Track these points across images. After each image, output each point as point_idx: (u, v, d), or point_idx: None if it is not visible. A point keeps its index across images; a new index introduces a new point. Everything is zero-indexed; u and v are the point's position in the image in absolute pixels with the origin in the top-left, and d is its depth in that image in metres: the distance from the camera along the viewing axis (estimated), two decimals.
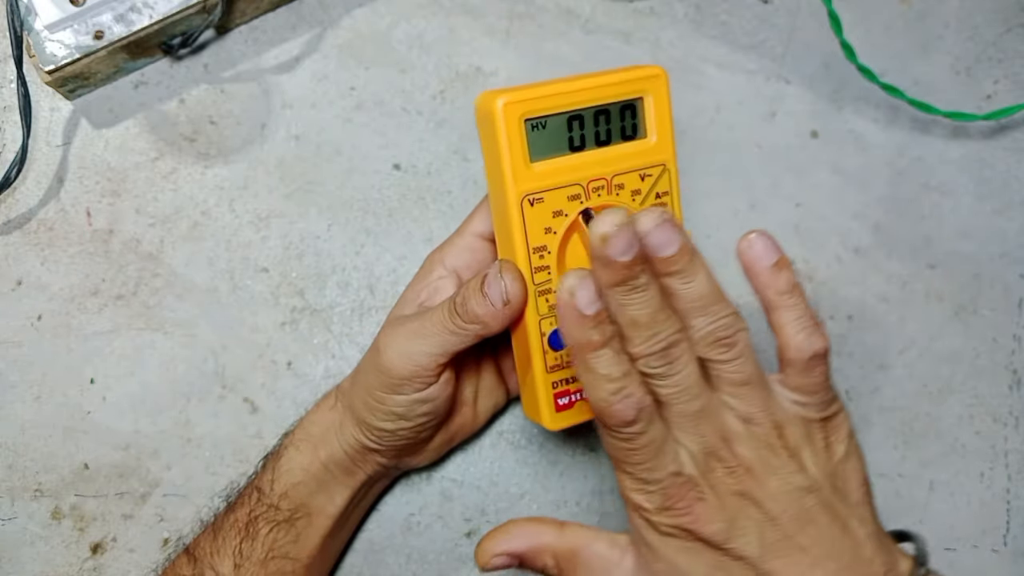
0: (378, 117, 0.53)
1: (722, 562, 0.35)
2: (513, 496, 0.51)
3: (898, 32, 0.55)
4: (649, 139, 0.40)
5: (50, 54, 0.47)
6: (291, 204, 0.52)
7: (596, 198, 0.39)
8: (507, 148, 0.38)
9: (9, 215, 0.50)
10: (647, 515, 0.35)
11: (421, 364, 0.40)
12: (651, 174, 0.40)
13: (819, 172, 0.54)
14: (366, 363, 0.43)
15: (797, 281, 0.37)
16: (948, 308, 0.54)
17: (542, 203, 0.38)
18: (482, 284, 0.39)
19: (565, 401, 0.41)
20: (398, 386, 0.41)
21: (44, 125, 0.51)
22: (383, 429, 0.42)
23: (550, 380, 0.40)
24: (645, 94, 0.39)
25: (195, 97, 0.52)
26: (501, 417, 0.51)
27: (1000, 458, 0.53)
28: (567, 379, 0.40)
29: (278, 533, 0.43)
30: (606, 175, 0.39)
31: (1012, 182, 0.55)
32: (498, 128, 0.37)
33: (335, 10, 0.53)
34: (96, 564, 0.49)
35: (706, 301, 0.35)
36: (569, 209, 0.39)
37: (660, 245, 0.34)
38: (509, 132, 0.37)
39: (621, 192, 0.40)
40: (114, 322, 0.50)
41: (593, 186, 0.39)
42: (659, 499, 0.35)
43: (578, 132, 0.39)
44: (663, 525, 0.35)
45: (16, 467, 0.49)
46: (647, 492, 0.35)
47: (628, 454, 0.35)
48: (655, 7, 0.55)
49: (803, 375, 0.36)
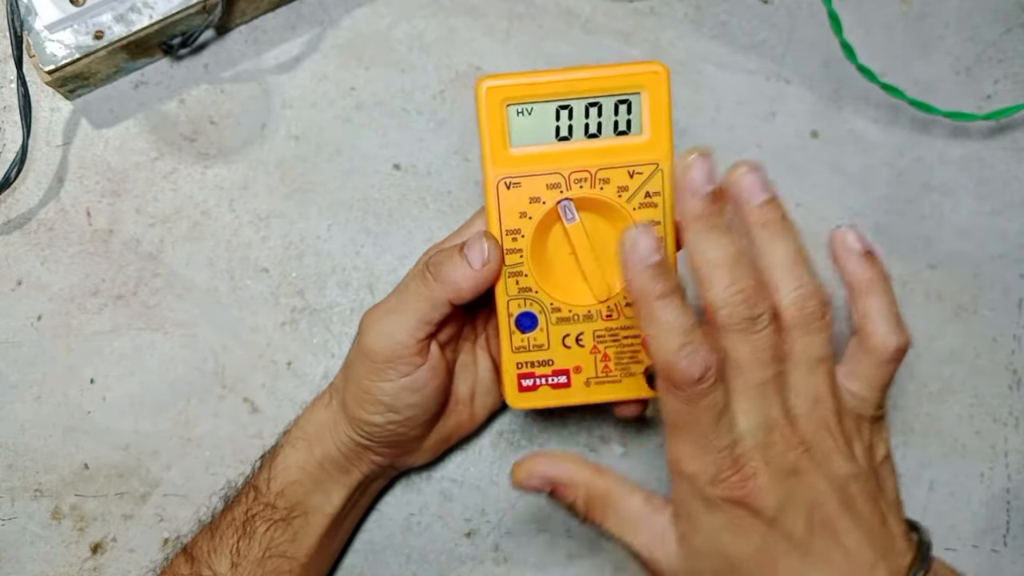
0: (378, 117, 0.53)
1: (767, 540, 0.34)
2: (513, 496, 0.51)
3: (898, 32, 0.55)
4: (643, 136, 0.40)
5: (50, 54, 0.47)
6: (291, 204, 0.52)
7: (577, 189, 0.40)
8: (487, 130, 0.39)
9: (9, 215, 0.50)
10: (697, 485, 0.34)
11: (400, 340, 0.40)
12: (641, 172, 0.40)
13: (819, 172, 0.54)
14: (352, 354, 0.43)
15: (887, 274, 0.36)
16: (948, 308, 0.54)
17: (519, 187, 0.40)
18: (461, 248, 0.39)
19: (529, 383, 0.42)
20: (382, 370, 0.41)
21: (44, 125, 0.51)
22: (373, 423, 0.42)
23: (515, 360, 0.41)
24: (642, 90, 0.39)
25: (195, 97, 0.52)
26: (501, 417, 0.51)
27: (1000, 458, 0.53)
28: (532, 362, 0.41)
29: (275, 532, 0.43)
30: (590, 167, 0.40)
31: (1012, 182, 0.55)
32: (480, 110, 0.39)
33: (335, 10, 0.53)
34: (96, 564, 0.49)
35: (795, 264, 0.34)
36: (547, 197, 0.40)
37: (751, 190, 0.34)
38: (491, 115, 0.39)
39: (606, 187, 0.40)
40: (114, 322, 0.50)
41: (575, 177, 0.40)
42: (714, 469, 0.33)
43: (566, 122, 0.39)
44: (714, 497, 0.34)
45: (16, 467, 0.49)
46: (702, 460, 0.34)
47: (689, 417, 0.33)
48: (655, 7, 0.55)
49: (877, 368, 0.36)
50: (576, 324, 0.41)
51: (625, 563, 0.50)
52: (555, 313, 0.41)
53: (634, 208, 0.40)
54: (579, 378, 0.42)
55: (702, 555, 0.35)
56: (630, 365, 0.42)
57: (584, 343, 0.41)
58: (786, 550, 0.34)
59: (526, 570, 0.50)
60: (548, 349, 0.41)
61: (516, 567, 0.50)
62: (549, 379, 0.42)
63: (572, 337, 0.41)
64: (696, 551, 0.35)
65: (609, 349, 0.42)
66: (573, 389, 0.42)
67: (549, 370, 0.42)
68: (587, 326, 0.41)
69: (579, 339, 0.41)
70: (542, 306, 0.41)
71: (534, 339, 0.41)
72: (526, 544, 0.50)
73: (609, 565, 0.50)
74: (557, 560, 0.50)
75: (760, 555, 0.34)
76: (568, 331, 0.41)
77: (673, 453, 0.35)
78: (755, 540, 0.34)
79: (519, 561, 0.50)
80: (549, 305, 0.41)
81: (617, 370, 0.42)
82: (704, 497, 0.34)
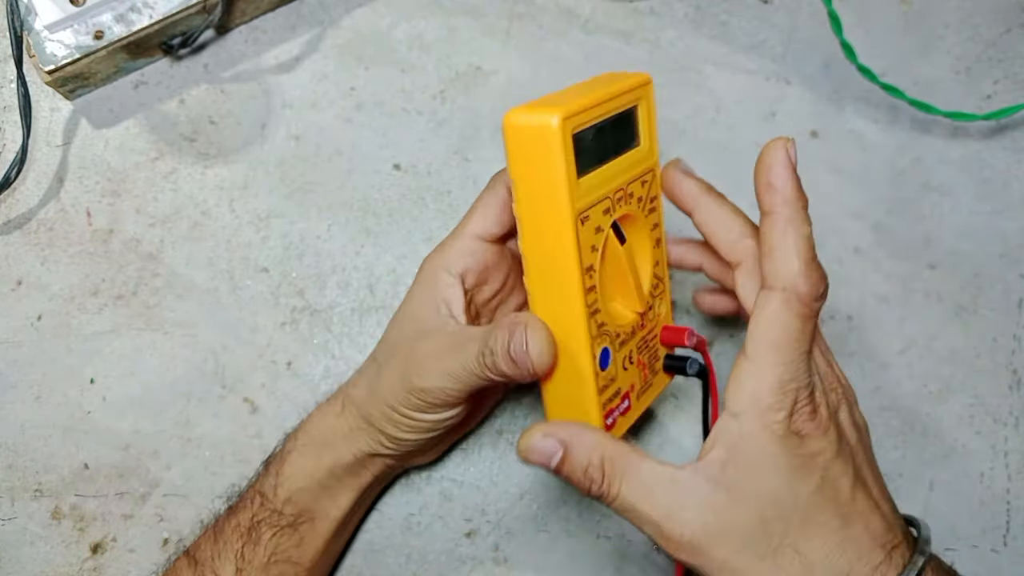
0: (378, 117, 0.53)
1: (824, 482, 0.35)
2: (513, 496, 0.51)
3: (898, 32, 0.55)
4: (642, 146, 0.40)
5: (50, 54, 0.47)
6: (291, 204, 0.52)
7: (618, 209, 0.38)
8: (564, 165, 0.34)
9: (9, 215, 0.50)
10: (770, 417, 0.34)
11: (452, 396, 0.40)
12: (647, 180, 0.40)
13: (819, 172, 0.54)
14: (390, 377, 0.41)
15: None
16: (948, 308, 0.54)
17: (588, 220, 0.36)
18: (509, 346, 0.36)
19: (610, 422, 0.38)
20: (429, 407, 0.40)
21: (44, 125, 0.51)
22: (406, 440, 0.42)
23: (601, 401, 0.38)
24: (639, 102, 0.39)
25: (195, 97, 0.52)
26: (501, 416, 0.51)
27: (1000, 458, 0.53)
28: (611, 397, 0.38)
29: (281, 538, 0.43)
30: (623, 184, 0.38)
31: (1012, 182, 0.55)
32: (553, 145, 0.34)
33: (335, 10, 0.53)
34: (96, 564, 0.49)
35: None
36: (604, 223, 0.37)
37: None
38: (566, 148, 0.34)
39: (631, 201, 0.39)
40: (114, 322, 0.50)
41: (617, 196, 0.38)
42: (791, 401, 0.34)
43: (601, 144, 0.37)
44: (786, 431, 0.34)
45: (16, 467, 0.49)
46: (783, 391, 0.34)
47: (799, 335, 0.35)
48: (655, 7, 0.55)
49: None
50: (628, 344, 0.39)
51: (625, 563, 0.50)
52: (616, 339, 0.38)
53: (645, 215, 0.40)
54: (633, 395, 0.40)
55: (749, 501, 0.35)
56: (654, 364, 0.42)
57: (634, 360, 0.40)
58: (833, 495, 0.35)
59: (526, 570, 0.50)
60: (616, 380, 0.39)
61: (516, 567, 0.50)
62: (619, 409, 0.39)
63: (627, 358, 0.39)
64: (743, 497, 0.35)
65: (643, 357, 0.41)
66: (632, 409, 0.40)
67: (619, 400, 0.39)
68: (633, 343, 0.40)
69: (631, 358, 0.39)
70: (611, 337, 0.38)
71: (609, 374, 0.38)
72: (526, 544, 0.50)
73: (609, 565, 0.50)
74: (557, 560, 0.50)
75: (816, 497, 0.35)
76: (625, 353, 0.39)
77: (752, 385, 0.35)
78: (814, 481, 0.35)
79: (519, 561, 0.50)
80: (614, 334, 0.38)
81: (651, 374, 0.41)
82: (775, 431, 0.34)
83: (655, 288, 0.41)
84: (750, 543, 0.35)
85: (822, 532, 0.35)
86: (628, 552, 0.50)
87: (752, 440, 0.35)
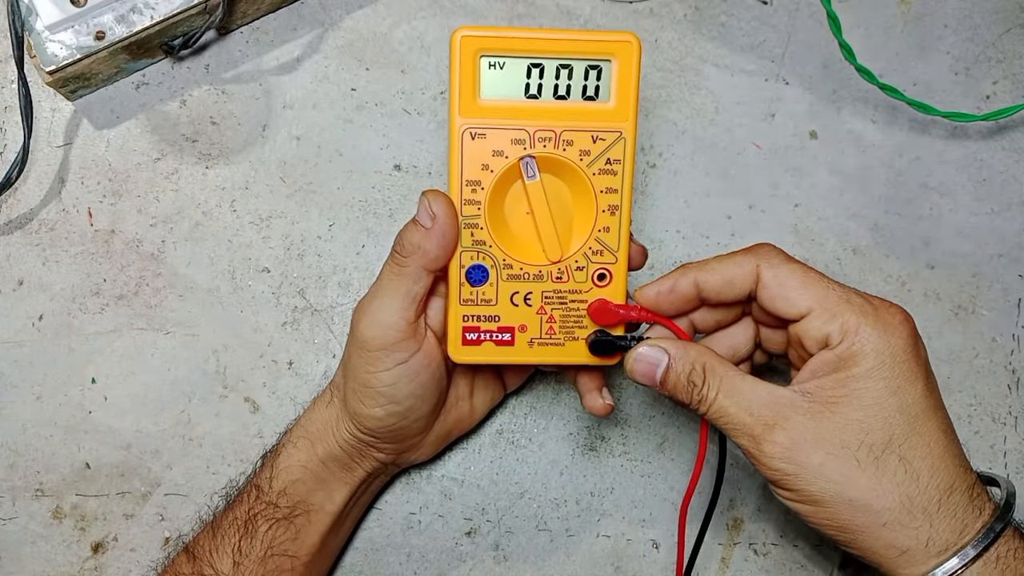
0: (379, 118, 0.53)
1: (926, 388, 0.37)
2: (513, 495, 0.51)
3: (897, 33, 0.56)
4: (609, 103, 0.40)
5: (51, 55, 0.47)
6: (292, 204, 0.52)
7: (541, 148, 0.40)
8: (458, 78, 0.39)
9: (10, 215, 0.50)
10: (897, 322, 0.37)
11: (391, 324, 0.40)
12: (604, 138, 0.40)
13: (818, 172, 0.54)
14: (348, 350, 0.43)
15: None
16: (947, 308, 0.54)
17: (483, 139, 0.40)
18: (414, 219, 0.40)
19: (473, 337, 0.42)
20: (378, 359, 0.41)
21: (45, 126, 0.51)
22: (374, 416, 0.42)
23: (462, 312, 0.41)
24: (613, 58, 0.40)
25: (196, 98, 0.52)
26: (501, 416, 0.51)
27: (1000, 458, 0.53)
28: (479, 316, 0.41)
29: (277, 530, 0.43)
30: (556, 128, 0.40)
31: (1011, 182, 0.55)
32: (453, 57, 0.39)
33: (336, 11, 0.53)
34: (97, 563, 0.49)
35: None
36: (511, 152, 0.40)
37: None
38: (463, 63, 0.39)
39: (569, 149, 0.40)
40: (115, 322, 0.50)
41: (540, 135, 0.40)
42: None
43: (536, 80, 0.40)
44: (906, 333, 0.37)
45: (17, 467, 0.49)
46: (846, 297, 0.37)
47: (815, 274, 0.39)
48: (655, 7, 0.55)
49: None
50: (526, 283, 0.41)
51: (625, 563, 0.50)
52: (506, 269, 0.41)
53: (594, 173, 0.41)
54: (523, 337, 0.42)
55: (868, 412, 0.35)
56: (574, 329, 0.42)
57: (532, 302, 0.42)
58: (937, 403, 0.36)
59: (526, 569, 0.50)
60: (495, 305, 0.42)
61: (516, 566, 0.50)
62: (494, 335, 0.42)
63: (521, 295, 0.42)
64: (864, 406, 0.35)
65: (555, 311, 0.42)
66: (516, 348, 0.42)
67: (495, 326, 0.42)
68: (536, 286, 0.42)
69: (527, 298, 0.42)
70: (494, 260, 0.41)
71: (483, 293, 0.41)
72: (526, 543, 0.50)
73: (609, 565, 0.50)
74: (557, 559, 0.50)
75: (924, 403, 0.36)
76: (517, 289, 0.41)
77: (812, 291, 0.38)
78: (919, 387, 0.36)
79: (519, 560, 0.50)
80: (502, 260, 0.41)
81: (561, 333, 0.42)
82: (897, 335, 0.36)
83: (595, 253, 0.41)
84: (850, 449, 0.35)
85: (927, 441, 0.35)
86: (628, 552, 0.50)
87: (879, 348, 0.36)
